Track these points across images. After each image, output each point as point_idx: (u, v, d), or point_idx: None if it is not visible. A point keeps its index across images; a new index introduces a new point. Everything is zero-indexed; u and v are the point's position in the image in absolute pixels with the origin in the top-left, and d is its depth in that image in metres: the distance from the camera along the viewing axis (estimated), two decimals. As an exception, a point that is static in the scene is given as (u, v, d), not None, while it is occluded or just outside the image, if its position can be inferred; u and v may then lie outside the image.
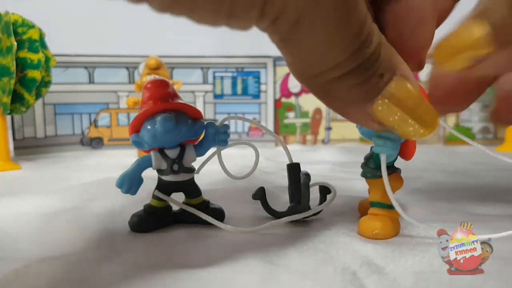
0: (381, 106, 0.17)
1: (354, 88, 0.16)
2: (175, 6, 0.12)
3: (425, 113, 0.17)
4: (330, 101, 0.17)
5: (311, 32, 0.14)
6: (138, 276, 0.17)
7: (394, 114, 0.17)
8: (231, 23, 0.13)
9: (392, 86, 0.16)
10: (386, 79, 0.16)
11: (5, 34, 0.45)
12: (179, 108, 0.22)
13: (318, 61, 0.15)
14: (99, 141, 0.66)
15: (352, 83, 0.16)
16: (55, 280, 0.17)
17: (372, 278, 0.17)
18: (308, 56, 0.15)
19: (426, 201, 0.28)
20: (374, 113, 0.17)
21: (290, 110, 0.70)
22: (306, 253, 0.19)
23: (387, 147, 0.20)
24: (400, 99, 0.17)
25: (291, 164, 0.25)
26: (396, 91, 0.16)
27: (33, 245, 0.21)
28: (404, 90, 0.17)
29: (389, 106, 0.17)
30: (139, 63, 0.64)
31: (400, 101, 0.17)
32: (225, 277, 0.17)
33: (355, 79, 0.16)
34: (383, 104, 0.17)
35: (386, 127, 0.18)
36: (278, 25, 0.14)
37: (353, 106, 0.17)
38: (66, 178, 0.40)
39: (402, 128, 0.17)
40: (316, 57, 0.15)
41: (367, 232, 0.21)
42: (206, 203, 0.24)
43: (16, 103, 0.48)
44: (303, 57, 0.15)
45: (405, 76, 0.17)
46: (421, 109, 0.17)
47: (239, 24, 0.14)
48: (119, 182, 0.22)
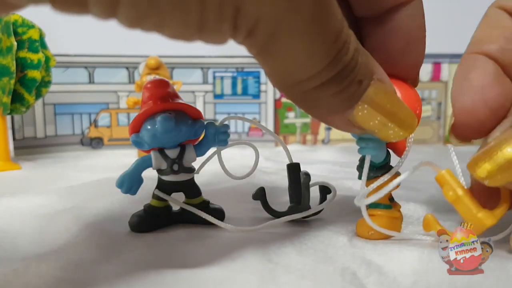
0: (361, 112, 0.17)
1: (334, 97, 0.16)
2: (143, 22, 0.12)
3: (403, 115, 0.18)
4: (310, 109, 0.17)
5: (288, 43, 0.14)
6: (138, 276, 0.17)
7: (374, 118, 0.17)
8: (204, 37, 0.13)
9: (371, 92, 0.16)
10: (365, 85, 0.16)
11: (5, 34, 0.45)
12: (179, 108, 0.22)
13: (296, 71, 0.15)
14: (99, 141, 0.66)
15: (332, 91, 0.16)
16: (55, 280, 0.17)
17: (371, 278, 0.17)
18: (286, 66, 0.15)
19: (426, 201, 0.28)
20: (354, 119, 0.17)
21: (290, 110, 0.70)
22: (306, 252, 0.19)
23: (370, 148, 0.20)
24: (379, 103, 0.17)
25: (291, 164, 0.25)
26: (375, 96, 0.17)
27: (33, 245, 0.21)
28: (382, 94, 0.17)
29: (368, 111, 0.17)
30: (139, 63, 0.64)
31: (379, 106, 0.17)
32: (225, 277, 0.17)
33: (335, 87, 0.16)
34: (363, 110, 0.17)
35: (367, 131, 0.18)
36: (253, 38, 0.13)
37: (334, 113, 0.17)
38: (66, 178, 0.40)
39: (382, 132, 0.18)
40: (295, 67, 0.15)
41: (363, 233, 0.21)
42: (206, 203, 0.24)
43: (16, 103, 0.48)
44: (282, 67, 0.15)
45: (381, 80, 0.17)
46: (399, 112, 0.18)
47: (213, 38, 0.13)
48: (119, 182, 0.22)
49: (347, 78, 0.16)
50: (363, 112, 0.17)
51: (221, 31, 0.13)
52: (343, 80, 0.16)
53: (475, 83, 0.20)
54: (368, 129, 0.18)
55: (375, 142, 0.20)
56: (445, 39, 0.67)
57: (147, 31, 0.13)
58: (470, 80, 0.20)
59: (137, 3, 0.12)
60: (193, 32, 0.13)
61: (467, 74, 0.21)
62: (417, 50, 0.20)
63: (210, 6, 0.12)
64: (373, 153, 0.20)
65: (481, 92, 0.20)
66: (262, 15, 0.13)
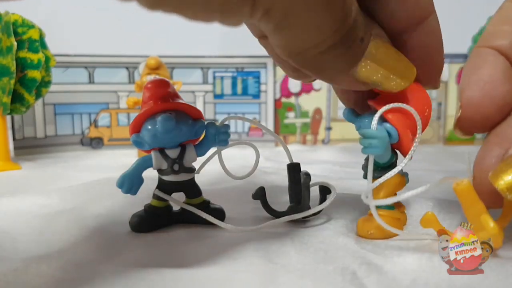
0: (364, 68, 0.18)
1: (340, 57, 0.17)
2: (165, 4, 0.13)
3: (403, 66, 0.19)
4: (319, 72, 0.18)
5: (300, 18, 0.15)
6: (138, 276, 0.17)
7: (377, 72, 0.18)
8: (224, 19, 0.14)
9: (372, 47, 0.18)
10: (366, 42, 0.18)
11: (5, 34, 0.45)
12: (180, 108, 0.22)
13: (306, 40, 0.16)
14: (99, 141, 0.66)
15: (338, 52, 0.17)
16: (55, 280, 0.17)
17: (371, 277, 0.17)
18: (297, 37, 0.16)
19: (426, 201, 0.28)
20: (358, 75, 0.18)
21: (290, 110, 0.70)
22: (306, 252, 0.19)
23: (373, 148, 0.20)
24: (380, 58, 0.18)
25: (291, 164, 0.25)
26: (376, 51, 0.18)
27: (33, 245, 0.21)
28: (382, 48, 0.18)
29: (371, 66, 0.18)
30: (139, 63, 0.64)
31: (380, 60, 0.18)
32: (225, 277, 0.17)
33: (341, 48, 0.17)
34: (366, 66, 0.18)
35: (371, 85, 0.19)
36: (269, 17, 0.14)
37: (340, 73, 0.18)
38: (66, 178, 0.40)
39: (385, 84, 0.19)
40: (305, 37, 0.16)
41: (363, 232, 0.21)
42: (206, 203, 0.24)
43: (16, 103, 0.48)
44: (294, 38, 0.16)
45: (379, 35, 0.18)
46: (399, 63, 0.19)
47: (232, 20, 0.14)
48: (119, 182, 0.22)
49: (351, 38, 0.17)
50: (366, 68, 0.18)
51: (240, 14, 0.14)
52: (348, 40, 0.17)
53: (484, 78, 0.20)
54: (372, 83, 0.19)
55: (379, 140, 0.20)
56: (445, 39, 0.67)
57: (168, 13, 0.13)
58: (479, 74, 0.20)
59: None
60: (214, 14, 0.13)
61: (476, 68, 0.21)
62: (435, 62, 0.20)
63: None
64: (376, 153, 0.20)
65: (489, 87, 0.20)
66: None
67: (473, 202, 0.18)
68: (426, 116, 0.21)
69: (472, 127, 0.21)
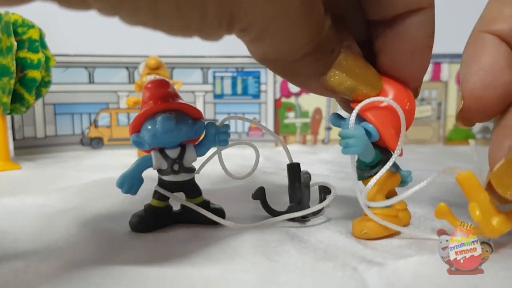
0: (333, 77, 0.19)
1: (311, 65, 0.18)
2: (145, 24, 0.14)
3: (371, 77, 0.20)
4: (291, 78, 0.20)
5: (276, 33, 0.16)
6: (138, 276, 0.17)
7: (345, 82, 0.19)
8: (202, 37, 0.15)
9: (341, 58, 0.18)
10: (336, 52, 0.18)
11: (5, 34, 0.45)
12: (180, 108, 0.22)
13: (280, 50, 0.17)
14: (99, 141, 0.66)
15: (309, 61, 0.18)
16: (55, 280, 0.17)
17: (372, 271, 0.17)
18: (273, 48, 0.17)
19: (425, 201, 0.28)
20: (328, 83, 0.19)
21: (290, 110, 0.70)
22: (306, 251, 0.19)
23: (351, 147, 0.20)
24: (348, 68, 0.19)
25: (291, 164, 0.25)
26: (345, 61, 0.19)
27: (33, 245, 0.21)
28: (351, 59, 0.19)
29: (339, 76, 0.19)
30: (139, 63, 0.64)
31: (349, 70, 0.19)
32: (225, 276, 0.17)
33: (312, 58, 0.18)
34: (335, 75, 0.19)
35: (340, 94, 0.20)
36: (246, 32, 0.15)
37: (311, 79, 0.19)
38: (66, 178, 0.40)
39: (353, 93, 0.20)
40: (280, 48, 0.17)
41: (356, 232, 0.21)
42: (206, 203, 0.24)
43: (16, 103, 0.48)
44: (268, 49, 0.17)
45: (350, 47, 0.19)
46: (367, 74, 0.20)
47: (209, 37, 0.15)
48: (119, 182, 0.22)
49: (322, 49, 0.18)
50: (335, 78, 0.19)
51: (218, 33, 0.15)
52: (319, 51, 0.18)
53: (485, 68, 0.20)
54: (340, 92, 0.19)
55: (355, 140, 0.20)
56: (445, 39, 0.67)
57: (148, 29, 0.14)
58: (480, 64, 0.20)
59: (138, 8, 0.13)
60: (193, 34, 0.15)
61: (477, 56, 0.20)
62: (422, 58, 0.20)
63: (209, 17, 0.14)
64: (355, 152, 0.20)
65: (491, 78, 0.20)
66: (253, 20, 0.15)
67: (477, 191, 0.18)
68: (409, 110, 0.20)
69: (474, 117, 0.21)
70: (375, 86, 0.20)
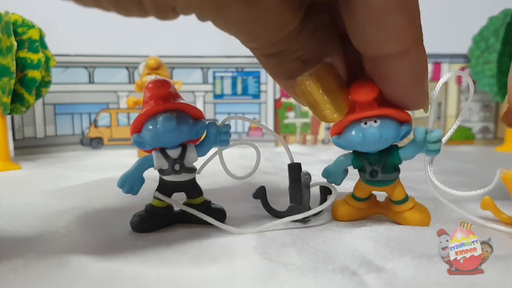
0: (299, 85, 0.19)
1: (277, 66, 0.18)
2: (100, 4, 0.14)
3: (337, 102, 0.19)
4: (264, 68, 0.20)
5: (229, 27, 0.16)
6: (139, 276, 0.17)
7: (311, 95, 0.19)
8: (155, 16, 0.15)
9: (313, 71, 0.18)
10: (309, 65, 0.18)
11: (5, 34, 0.45)
12: (181, 108, 0.22)
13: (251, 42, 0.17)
14: (99, 141, 0.66)
15: (275, 62, 0.18)
16: (55, 279, 0.17)
17: (371, 274, 0.17)
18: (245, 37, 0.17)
19: (425, 201, 0.28)
20: (296, 89, 0.19)
21: (290, 110, 0.70)
22: (306, 252, 0.19)
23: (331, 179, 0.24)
24: (317, 84, 0.18)
25: (292, 164, 0.25)
26: (316, 76, 0.18)
27: (32, 244, 0.21)
28: (322, 76, 0.18)
29: (305, 87, 0.18)
30: (139, 63, 0.64)
31: (317, 86, 0.18)
32: (225, 276, 0.17)
33: (277, 60, 0.18)
34: (301, 84, 0.18)
35: (305, 104, 0.20)
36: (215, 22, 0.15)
37: (279, 78, 0.20)
38: (66, 178, 0.40)
39: (316, 110, 0.19)
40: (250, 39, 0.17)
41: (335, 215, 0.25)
42: (207, 203, 0.24)
43: (16, 103, 0.48)
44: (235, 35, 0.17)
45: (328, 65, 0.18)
46: (335, 97, 0.19)
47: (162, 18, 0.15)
48: (120, 182, 0.22)
49: (288, 56, 0.18)
50: (300, 87, 0.19)
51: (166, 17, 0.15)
52: (285, 57, 0.18)
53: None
54: (305, 102, 0.19)
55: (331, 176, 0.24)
56: (445, 39, 0.67)
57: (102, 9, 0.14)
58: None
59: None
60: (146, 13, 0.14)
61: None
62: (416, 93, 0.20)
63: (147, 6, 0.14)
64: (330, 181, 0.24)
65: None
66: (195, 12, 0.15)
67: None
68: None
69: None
70: (337, 112, 0.19)
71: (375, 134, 0.20)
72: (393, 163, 0.22)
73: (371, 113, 0.20)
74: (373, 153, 0.22)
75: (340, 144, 0.22)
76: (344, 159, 0.24)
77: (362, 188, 0.23)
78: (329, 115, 0.19)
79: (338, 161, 0.24)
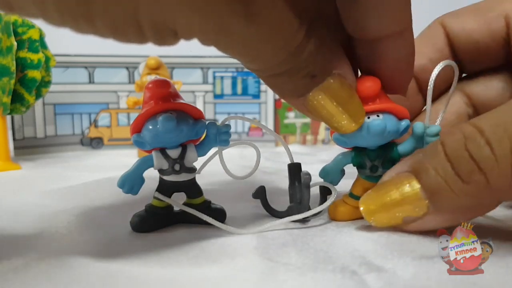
0: (314, 101, 0.19)
1: (286, 84, 0.18)
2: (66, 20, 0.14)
3: (354, 109, 0.19)
4: (272, 89, 0.20)
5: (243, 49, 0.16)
6: (139, 276, 0.17)
7: (324, 109, 0.19)
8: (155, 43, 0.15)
9: (325, 85, 0.18)
10: (318, 80, 0.18)
11: (5, 34, 0.45)
12: (181, 108, 0.22)
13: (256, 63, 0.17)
14: (99, 141, 0.66)
15: (283, 81, 0.18)
16: (55, 279, 0.17)
17: (372, 274, 0.17)
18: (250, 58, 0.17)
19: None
20: (308, 105, 0.19)
21: (290, 110, 0.70)
22: (306, 252, 0.19)
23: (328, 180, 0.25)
24: (330, 97, 0.19)
25: (292, 164, 0.25)
26: (328, 90, 0.18)
27: (32, 244, 0.21)
28: (335, 89, 0.19)
29: (319, 101, 0.19)
30: (139, 63, 0.64)
31: (331, 99, 0.19)
32: (225, 276, 0.17)
33: (284, 79, 0.18)
34: (314, 99, 0.19)
35: (316, 119, 0.20)
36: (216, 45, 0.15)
37: (289, 97, 0.20)
38: (66, 178, 0.40)
39: (331, 122, 0.19)
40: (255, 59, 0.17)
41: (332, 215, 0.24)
42: (207, 203, 0.24)
43: (16, 103, 0.48)
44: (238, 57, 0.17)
45: (339, 76, 0.19)
46: (350, 107, 0.19)
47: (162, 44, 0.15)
48: (120, 182, 0.22)
49: (298, 73, 0.18)
50: (313, 102, 0.19)
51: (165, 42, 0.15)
52: (295, 74, 0.18)
53: None
54: (318, 117, 0.19)
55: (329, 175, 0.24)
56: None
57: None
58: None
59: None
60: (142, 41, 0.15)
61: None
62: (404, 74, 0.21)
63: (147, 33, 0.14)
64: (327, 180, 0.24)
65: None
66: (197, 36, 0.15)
67: None
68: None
69: None
70: (355, 121, 0.20)
71: (381, 125, 0.20)
72: (392, 158, 0.22)
73: (374, 108, 0.21)
74: (373, 149, 0.22)
75: (342, 140, 0.22)
76: (343, 157, 0.24)
77: (361, 185, 0.24)
78: (347, 126, 0.19)
79: (337, 159, 0.24)
